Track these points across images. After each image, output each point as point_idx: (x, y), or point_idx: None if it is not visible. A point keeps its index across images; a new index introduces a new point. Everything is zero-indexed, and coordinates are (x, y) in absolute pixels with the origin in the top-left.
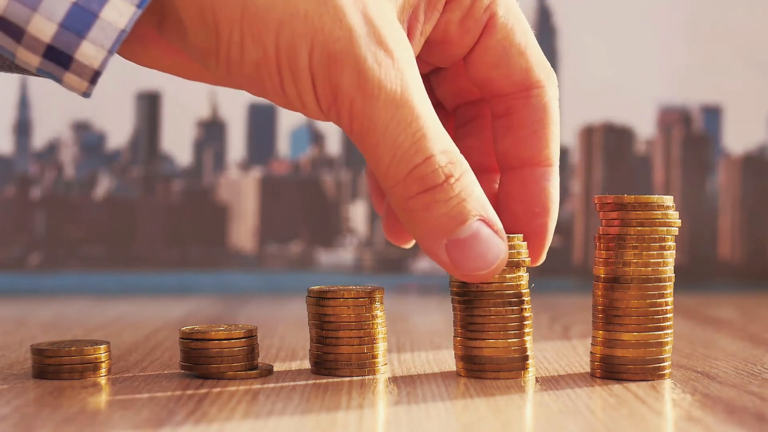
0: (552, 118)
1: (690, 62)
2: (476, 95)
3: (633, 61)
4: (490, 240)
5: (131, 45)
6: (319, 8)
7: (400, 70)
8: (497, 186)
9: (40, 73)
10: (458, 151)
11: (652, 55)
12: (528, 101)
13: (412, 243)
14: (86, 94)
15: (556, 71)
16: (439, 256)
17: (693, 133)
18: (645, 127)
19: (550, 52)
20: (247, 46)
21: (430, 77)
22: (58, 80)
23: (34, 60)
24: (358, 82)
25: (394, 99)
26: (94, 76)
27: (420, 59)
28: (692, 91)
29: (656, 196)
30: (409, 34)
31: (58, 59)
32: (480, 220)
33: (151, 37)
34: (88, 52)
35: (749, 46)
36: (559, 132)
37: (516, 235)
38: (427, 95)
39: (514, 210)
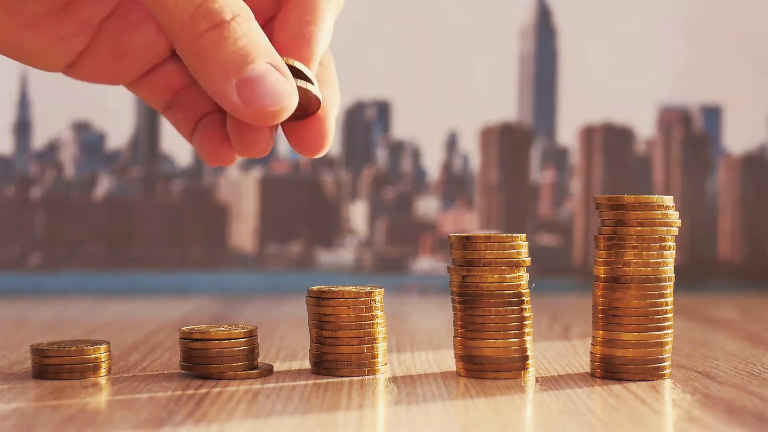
0: None
1: (690, 62)
2: None
3: (633, 61)
4: (279, 80)
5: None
6: None
7: None
8: None
9: None
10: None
11: (652, 55)
12: None
13: (235, 160)
14: None
15: (556, 71)
16: (230, 97)
17: (693, 133)
18: (645, 127)
19: (550, 52)
20: None
21: None
22: None
23: None
24: None
25: None
26: None
27: None
28: (692, 91)
29: (656, 196)
30: None
31: None
32: (269, 63)
33: None
34: None
35: (749, 46)
36: None
37: (518, 235)
38: None
39: (288, 22)
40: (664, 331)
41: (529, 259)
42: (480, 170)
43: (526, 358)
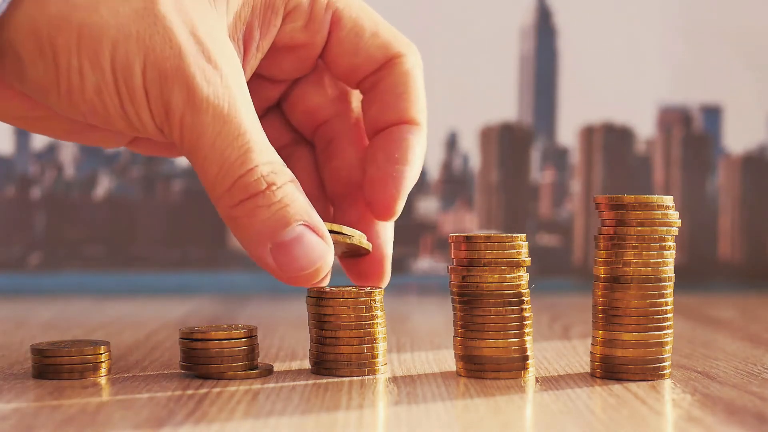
0: (415, 83)
1: (690, 62)
2: (329, 112)
3: (633, 61)
4: (314, 242)
5: None
6: (149, 29)
7: (228, 87)
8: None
9: None
10: (283, 163)
11: (652, 55)
12: (391, 70)
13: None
14: None
15: (556, 71)
16: (266, 260)
17: (693, 133)
18: (645, 127)
19: (550, 52)
20: (85, 71)
21: (282, 106)
22: None
23: None
24: (187, 98)
25: (221, 114)
26: None
27: (275, 72)
28: (692, 91)
29: (656, 196)
30: (245, 51)
31: None
32: (303, 225)
33: None
34: None
35: (749, 46)
36: (425, 99)
37: (518, 235)
38: (254, 111)
39: (377, 158)
40: (664, 331)
41: (529, 259)
42: (480, 170)
43: (526, 358)
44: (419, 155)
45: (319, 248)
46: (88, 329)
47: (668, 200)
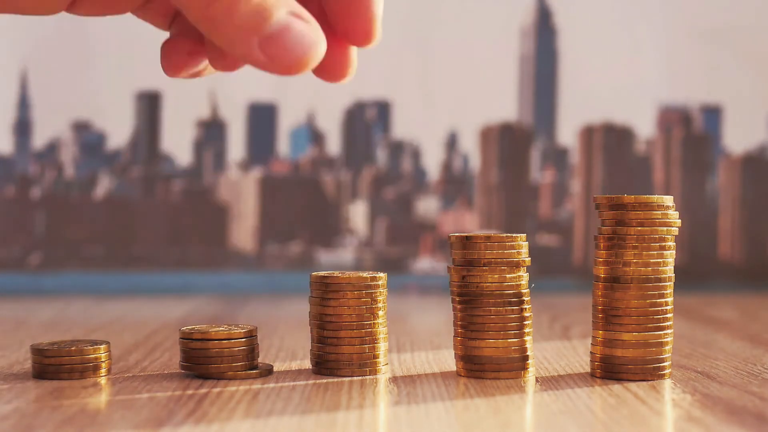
0: None
1: (690, 62)
2: None
3: (633, 61)
4: (304, 29)
5: None
6: None
7: None
8: None
9: None
10: None
11: (652, 55)
12: None
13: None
14: None
15: (556, 71)
16: (255, 56)
17: (693, 133)
18: (645, 127)
19: (550, 52)
20: None
21: None
22: None
23: None
24: None
25: None
26: None
27: None
28: (692, 91)
29: (656, 196)
30: None
31: None
32: (289, 13)
33: None
34: None
35: (749, 46)
36: None
37: (518, 235)
38: None
39: None
40: (664, 331)
41: (529, 259)
42: (480, 170)
43: (526, 358)
44: None
45: (309, 34)
46: (88, 329)
47: (668, 200)
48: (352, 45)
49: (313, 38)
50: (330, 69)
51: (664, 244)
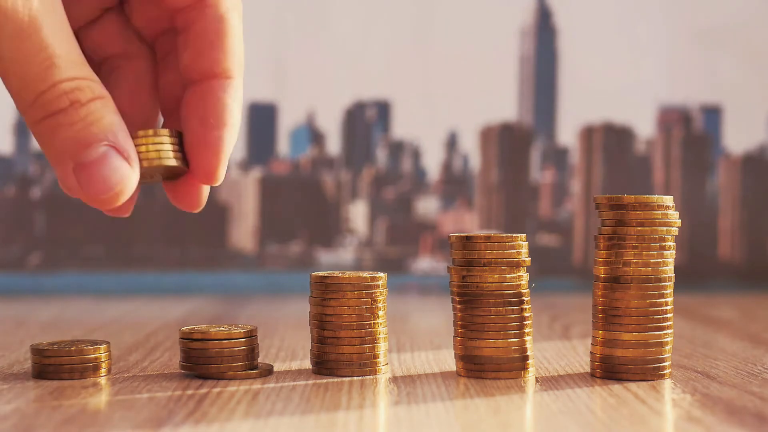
0: (230, 30)
1: (690, 62)
2: (168, 23)
3: (633, 61)
4: (116, 165)
5: None
6: None
7: (29, 1)
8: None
9: None
10: (95, 78)
11: (652, 55)
12: (203, 12)
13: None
14: None
15: (556, 71)
16: (67, 181)
17: (693, 133)
18: (645, 127)
19: (551, 52)
20: None
21: (124, 6)
22: None
23: None
24: None
25: (20, 30)
26: None
27: None
28: (692, 91)
29: (656, 196)
30: None
31: None
32: (109, 146)
33: None
34: None
35: (749, 46)
36: (242, 46)
37: (518, 235)
38: (64, 23)
39: (192, 123)
40: (664, 331)
41: (529, 259)
42: (480, 170)
43: (526, 358)
44: (236, 113)
45: (121, 171)
46: (88, 329)
47: (668, 200)
48: (198, 182)
49: (125, 175)
50: (181, 199)
51: (664, 244)
